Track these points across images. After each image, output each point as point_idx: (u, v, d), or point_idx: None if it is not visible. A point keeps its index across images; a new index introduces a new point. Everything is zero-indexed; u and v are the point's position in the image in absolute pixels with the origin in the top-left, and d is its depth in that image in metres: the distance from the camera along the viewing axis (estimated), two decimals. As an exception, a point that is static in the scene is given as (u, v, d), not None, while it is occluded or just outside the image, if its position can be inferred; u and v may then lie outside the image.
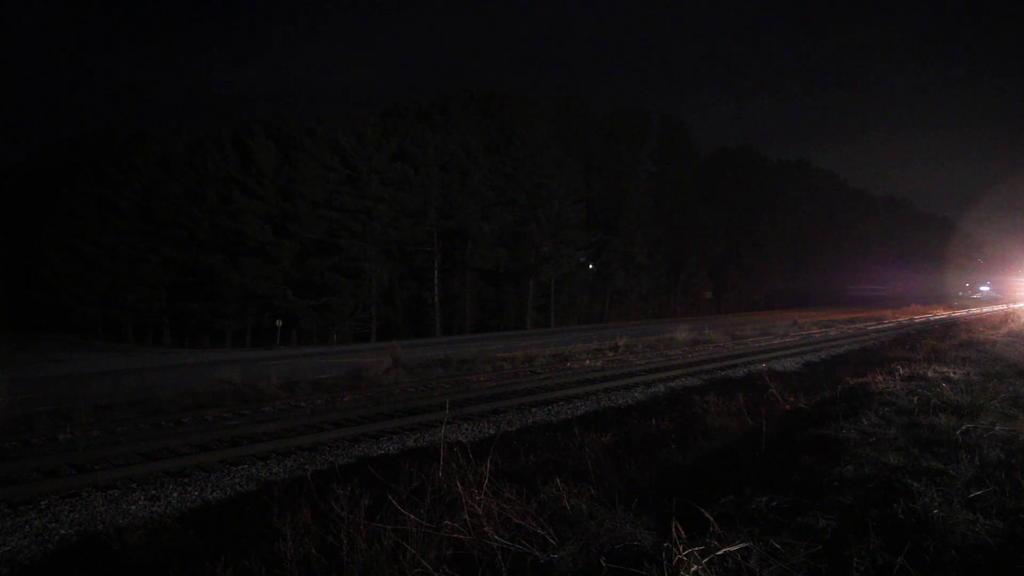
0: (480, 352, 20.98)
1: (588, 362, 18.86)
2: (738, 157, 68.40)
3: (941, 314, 42.56)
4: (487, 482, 4.24)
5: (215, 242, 38.02)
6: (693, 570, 3.07)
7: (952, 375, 9.10)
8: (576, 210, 45.60)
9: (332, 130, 39.50)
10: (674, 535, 3.21)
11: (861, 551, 3.28)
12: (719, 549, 3.22)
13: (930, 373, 9.34)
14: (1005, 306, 45.38)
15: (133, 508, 7.20)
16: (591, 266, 50.71)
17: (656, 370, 16.85)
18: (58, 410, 11.84)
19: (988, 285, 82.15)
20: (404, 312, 43.54)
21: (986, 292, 80.00)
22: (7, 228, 48.76)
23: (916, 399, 7.01)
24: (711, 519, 3.42)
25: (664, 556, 3.17)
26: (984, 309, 46.54)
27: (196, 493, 7.71)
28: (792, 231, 69.18)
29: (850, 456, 5.01)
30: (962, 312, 44.13)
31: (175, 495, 7.61)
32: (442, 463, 5.02)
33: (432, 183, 40.81)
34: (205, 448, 9.40)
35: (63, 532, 6.55)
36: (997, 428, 5.71)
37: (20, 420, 11.06)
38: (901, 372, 9.56)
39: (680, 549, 3.15)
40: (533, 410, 12.12)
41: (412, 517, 3.93)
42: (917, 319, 38.24)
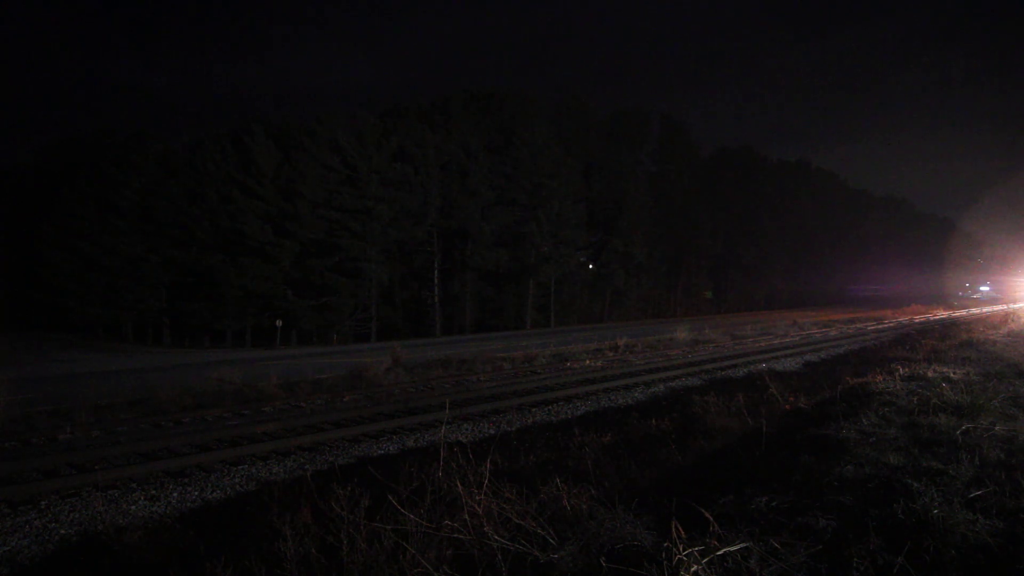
0: (480, 352, 21.00)
1: (588, 362, 18.86)
2: (738, 157, 68.28)
3: (941, 314, 42.53)
4: (487, 482, 4.24)
5: (215, 242, 38.00)
6: (693, 570, 3.07)
7: (952, 375, 9.10)
8: (576, 210, 45.61)
9: (332, 130, 39.48)
10: (674, 535, 3.21)
11: (861, 551, 3.28)
12: (719, 549, 3.22)
13: (930, 373, 9.34)
14: (1005, 306, 45.32)
15: (133, 508, 7.21)
16: (591, 266, 50.71)
17: (656, 370, 16.86)
18: (58, 410, 11.87)
19: (988, 285, 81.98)
20: (404, 312, 43.56)
21: (986, 292, 79.82)
22: (7, 228, 48.77)
23: (916, 399, 7.01)
24: (711, 519, 3.42)
25: (664, 556, 3.17)
26: (984, 309, 46.49)
27: (196, 493, 7.71)
28: (792, 231, 69.13)
29: (850, 456, 5.01)
30: (962, 312, 44.10)
31: (175, 495, 7.62)
32: (442, 463, 5.01)
33: (432, 183, 40.80)
34: (205, 448, 9.41)
35: (63, 532, 6.55)
36: (997, 428, 5.71)
37: (20, 420, 11.09)
38: (901, 372, 9.57)
39: (680, 549, 3.15)
40: (533, 410, 12.12)
41: (412, 517, 3.93)
42: (917, 319, 38.22)
